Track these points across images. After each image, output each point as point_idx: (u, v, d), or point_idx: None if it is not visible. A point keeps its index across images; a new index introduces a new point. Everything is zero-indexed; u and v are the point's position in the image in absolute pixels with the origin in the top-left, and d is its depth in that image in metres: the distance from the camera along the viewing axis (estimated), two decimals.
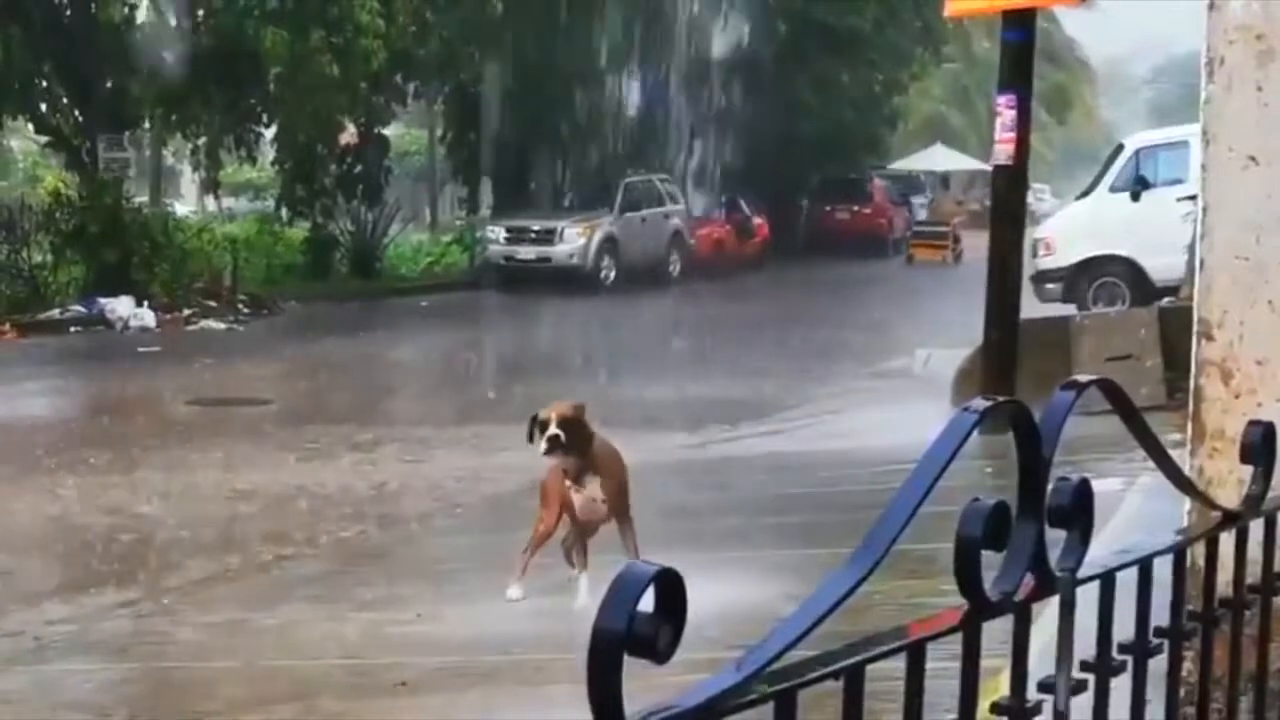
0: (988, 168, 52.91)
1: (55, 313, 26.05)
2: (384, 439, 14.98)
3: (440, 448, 14.41)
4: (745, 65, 38.82)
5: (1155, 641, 2.28)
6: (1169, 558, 2.32)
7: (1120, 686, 2.17)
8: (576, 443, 7.97)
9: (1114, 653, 2.17)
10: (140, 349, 23.35)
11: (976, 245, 15.25)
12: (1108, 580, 2.11)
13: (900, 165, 51.23)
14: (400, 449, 14.36)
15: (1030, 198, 16.37)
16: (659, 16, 36.69)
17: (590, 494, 8.04)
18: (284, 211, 34.70)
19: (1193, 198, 4.88)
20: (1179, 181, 19.45)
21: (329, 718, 6.92)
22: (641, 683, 1.48)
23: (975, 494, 1.80)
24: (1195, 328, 4.45)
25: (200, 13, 30.12)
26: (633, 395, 16.91)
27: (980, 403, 1.81)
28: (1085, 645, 2.10)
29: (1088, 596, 2.07)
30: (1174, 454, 2.47)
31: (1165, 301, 16.01)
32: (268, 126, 32.67)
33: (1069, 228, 22.87)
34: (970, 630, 1.80)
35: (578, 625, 1.48)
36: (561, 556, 8.33)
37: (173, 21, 30.80)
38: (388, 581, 9.39)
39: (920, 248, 43.19)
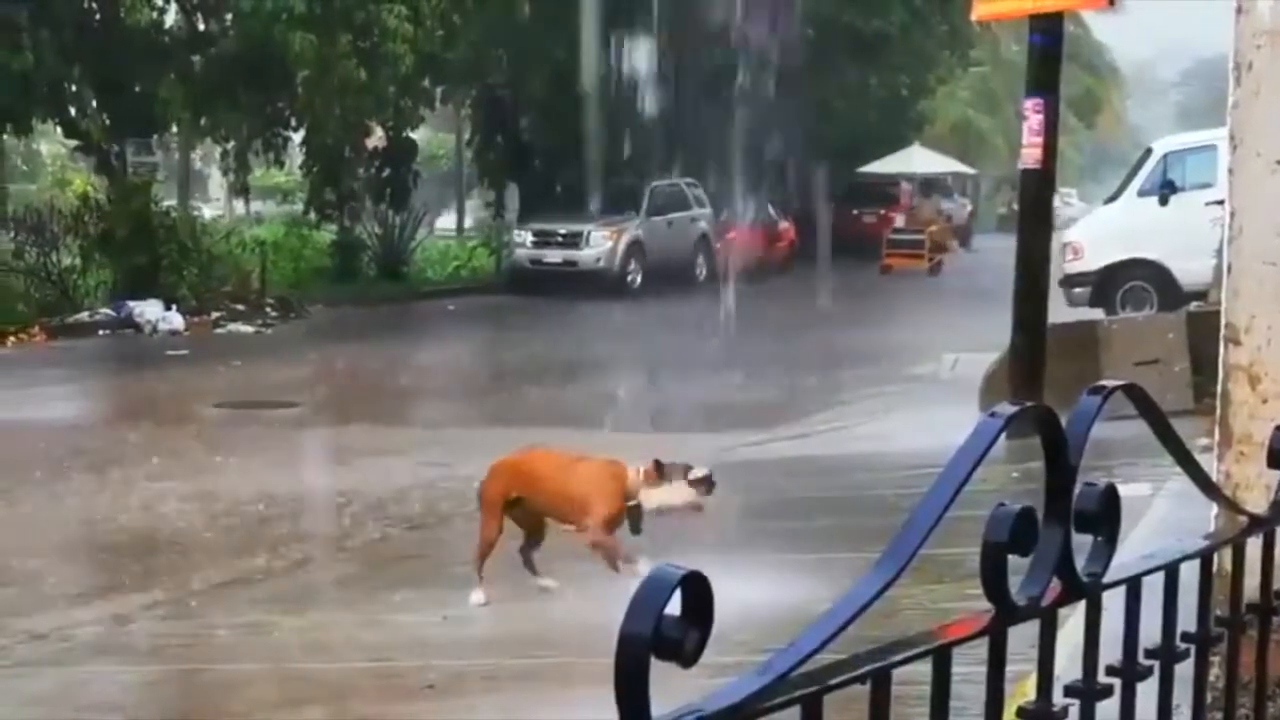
0: (970, 170, 51.22)
1: (84, 316, 26.14)
2: (411, 441, 15.00)
3: (467, 450, 14.40)
4: (772, 69, 38.77)
5: (1182, 647, 2.28)
6: (1196, 563, 2.32)
7: (1146, 692, 2.17)
8: None
9: (1140, 658, 2.17)
10: (168, 352, 23.42)
11: (1003, 248, 15.24)
12: (1134, 585, 2.11)
13: (875, 168, 47.59)
14: (427, 452, 14.37)
15: (1058, 202, 16.31)
16: (686, 20, 36.66)
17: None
18: (312, 215, 34.76)
19: (1221, 202, 4.87)
20: (1207, 186, 19.39)
21: None
22: (667, 685, 1.49)
23: (1001, 498, 1.80)
24: (1223, 333, 4.44)
25: (228, 17, 30.20)
26: (659, 399, 16.93)
27: (1006, 408, 1.82)
28: (1111, 650, 2.10)
29: (1114, 602, 2.07)
30: (1201, 459, 2.47)
31: (1193, 306, 15.95)
32: (296, 130, 32.74)
33: (1097, 232, 22.81)
34: (996, 635, 1.81)
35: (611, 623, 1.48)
36: (584, 560, 8.37)
37: (200, 26, 30.88)
38: (415, 584, 9.41)
39: (895, 257, 40.29)
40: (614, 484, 8.46)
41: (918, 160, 47.54)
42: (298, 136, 33.26)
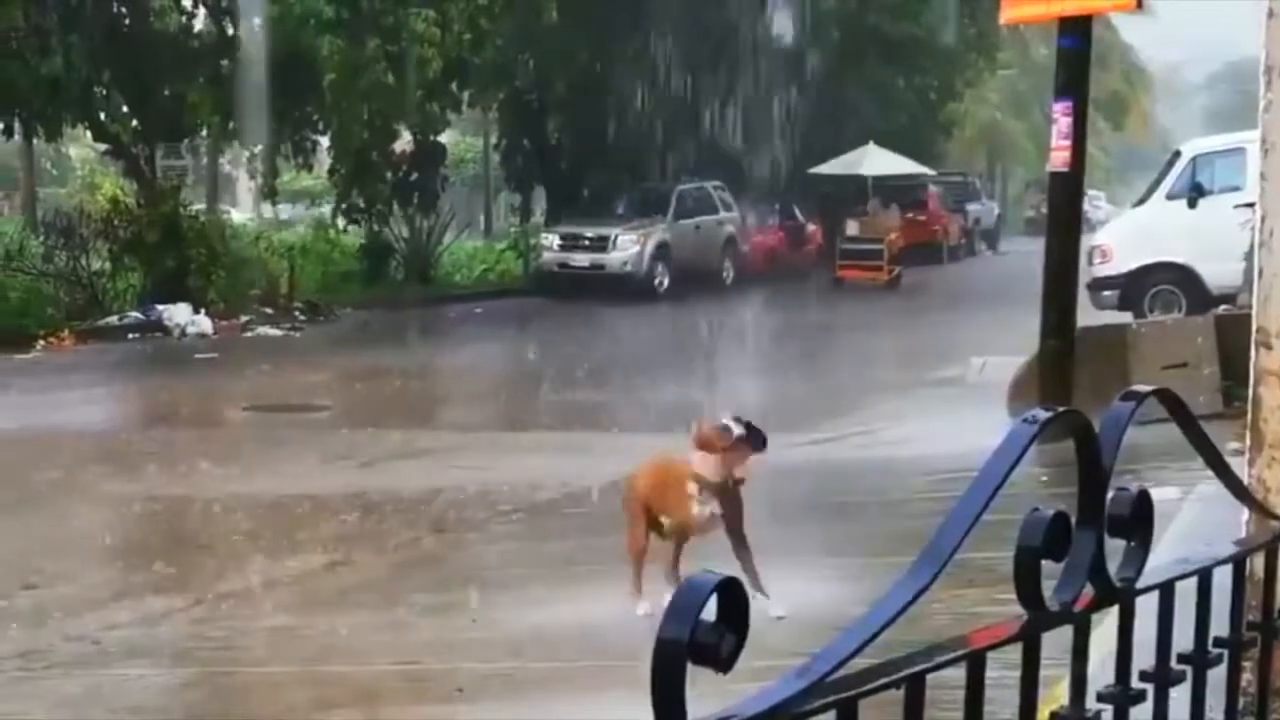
0: (930, 171, 47.57)
1: (113, 320, 26.25)
2: (439, 445, 15.04)
3: (496, 454, 14.46)
4: (800, 72, 38.78)
5: (1214, 652, 2.28)
6: (1228, 567, 2.32)
7: (1179, 696, 2.17)
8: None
9: (1173, 663, 2.17)
10: (197, 355, 23.50)
11: (1030, 251, 15.21)
12: (1167, 590, 2.11)
13: (824, 170, 42.18)
14: (456, 455, 14.40)
15: (1086, 205, 16.26)
16: (713, 23, 36.69)
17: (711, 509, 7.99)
18: (340, 219, 34.86)
19: (1250, 205, 4.85)
20: (1236, 188, 19.30)
21: None
22: (701, 689, 1.50)
23: (1030, 502, 1.81)
24: (1254, 336, 4.43)
25: (257, 21, 30.28)
26: (685, 402, 16.88)
27: (1041, 413, 1.82)
28: (1144, 655, 2.11)
29: (1147, 606, 2.07)
30: (1232, 463, 2.47)
31: (1221, 309, 15.90)
32: (323, 134, 32.80)
33: (1125, 235, 22.75)
34: (1030, 640, 1.81)
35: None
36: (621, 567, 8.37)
37: (229, 30, 30.97)
38: (444, 587, 9.43)
39: (849, 269, 36.87)
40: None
41: (871, 161, 42.21)
42: (326, 140, 33.32)
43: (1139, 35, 66.10)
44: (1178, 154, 22.96)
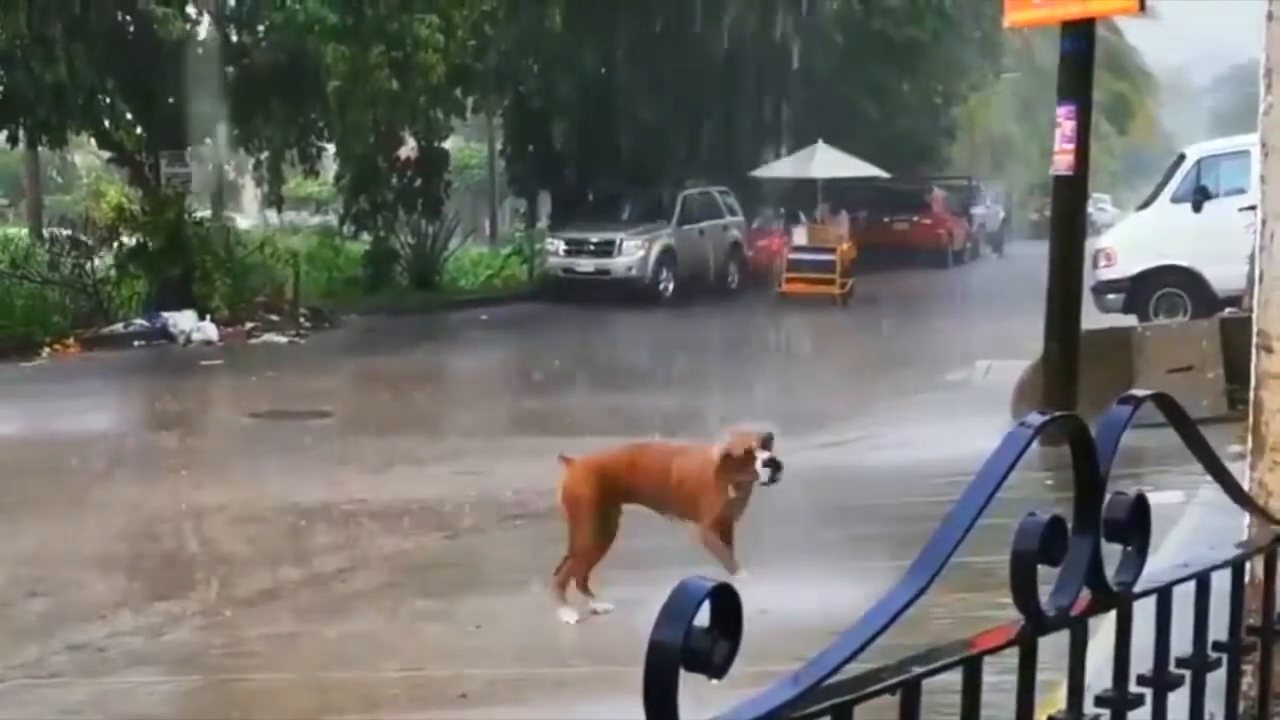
0: (884, 174, 45.43)
1: (119, 327, 26.23)
2: (444, 451, 15.03)
3: (500, 460, 14.45)
4: (804, 76, 38.79)
5: (1214, 655, 2.27)
6: (1227, 571, 2.31)
7: (1178, 701, 2.16)
8: None
9: (1172, 667, 2.16)
10: (202, 362, 23.51)
11: (1035, 254, 15.14)
12: (1164, 594, 2.11)
13: (764, 172, 38.45)
14: (460, 461, 14.39)
15: (1091, 208, 16.24)
16: (716, 27, 36.69)
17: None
18: (346, 226, 34.86)
19: (1255, 208, 4.84)
20: (1241, 191, 19.29)
21: None
22: (698, 696, 1.49)
23: (1033, 506, 1.81)
24: (1254, 340, 4.42)
25: (261, 29, 30.29)
26: (690, 407, 16.92)
27: (1036, 418, 1.82)
28: (1143, 659, 2.10)
29: (1146, 611, 2.07)
30: (1234, 467, 2.46)
31: (1227, 312, 15.89)
32: (329, 141, 32.81)
33: (1130, 238, 22.74)
34: (1027, 645, 1.81)
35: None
36: (620, 571, 8.34)
37: (234, 37, 30.98)
38: (447, 593, 9.42)
39: (798, 281, 32.86)
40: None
41: (820, 162, 36.99)
42: (332, 147, 33.32)
43: (1144, 38, 66.15)
44: (1183, 157, 22.94)
